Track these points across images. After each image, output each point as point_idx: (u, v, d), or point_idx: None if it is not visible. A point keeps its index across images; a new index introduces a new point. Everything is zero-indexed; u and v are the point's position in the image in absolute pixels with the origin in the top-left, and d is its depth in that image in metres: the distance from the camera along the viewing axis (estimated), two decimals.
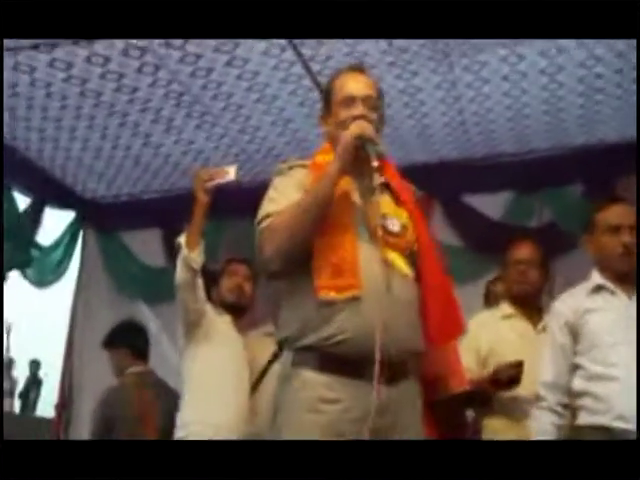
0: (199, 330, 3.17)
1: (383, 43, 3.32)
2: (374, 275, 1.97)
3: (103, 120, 3.97)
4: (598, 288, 2.66)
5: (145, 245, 5.04)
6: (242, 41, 3.29)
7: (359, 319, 1.94)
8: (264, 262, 2.05)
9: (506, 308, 3.15)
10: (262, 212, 2.10)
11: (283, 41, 3.30)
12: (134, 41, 3.27)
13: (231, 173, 3.06)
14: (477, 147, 4.34)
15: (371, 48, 3.35)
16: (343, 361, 1.94)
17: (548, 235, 4.14)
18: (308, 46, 3.34)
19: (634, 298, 2.61)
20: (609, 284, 2.64)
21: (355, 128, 2.05)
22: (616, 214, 2.69)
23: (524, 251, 3.19)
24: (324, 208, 2.00)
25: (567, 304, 2.70)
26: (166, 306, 4.42)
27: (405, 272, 2.05)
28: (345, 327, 1.94)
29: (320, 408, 1.93)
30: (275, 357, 3.27)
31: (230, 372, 3.17)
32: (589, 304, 2.63)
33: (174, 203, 4.67)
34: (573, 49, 3.38)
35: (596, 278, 2.69)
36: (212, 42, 3.29)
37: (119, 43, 3.28)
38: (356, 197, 2.09)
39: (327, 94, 2.24)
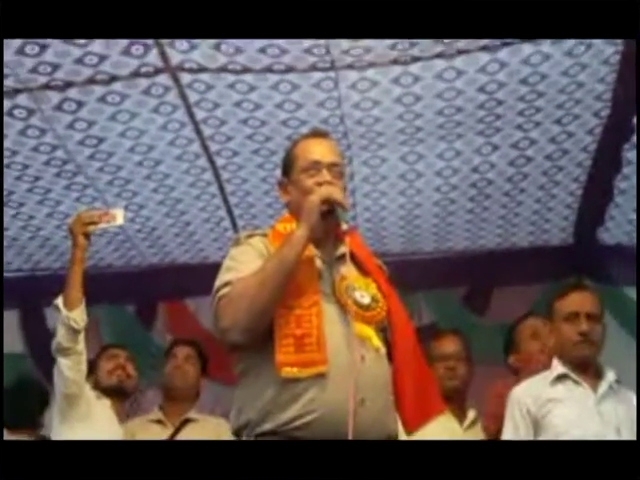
0: (77, 410, 2.81)
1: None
2: (343, 350, 1.81)
3: None
4: (560, 377, 2.60)
5: None
6: (141, 111, 3.13)
7: (327, 399, 1.76)
8: (222, 332, 1.90)
9: None
10: (219, 281, 1.94)
11: (187, 118, 3.18)
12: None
13: (118, 217, 2.74)
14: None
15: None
16: None
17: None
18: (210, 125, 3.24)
19: (599, 390, 2.57)
20: (572, 374, 2.59)
21: (323, 191, 1.94)
22: (574, 302, 2.67)
23: (450, 345, 3.11)
24: (288, 275, 1.86)
25: (528, 392, 2.60)
26: None
27: (378, 347, 1.90)
28: (311, 408, 1.77)
29: None
30: None
31: None
32: (552, 394, 2.56)
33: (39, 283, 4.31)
34: (470, 152, 3.47)
35: (558, 367, 2.63)
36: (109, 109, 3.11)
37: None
38: (320, 266, 1.97)
39: (288, 160, 2.13)
